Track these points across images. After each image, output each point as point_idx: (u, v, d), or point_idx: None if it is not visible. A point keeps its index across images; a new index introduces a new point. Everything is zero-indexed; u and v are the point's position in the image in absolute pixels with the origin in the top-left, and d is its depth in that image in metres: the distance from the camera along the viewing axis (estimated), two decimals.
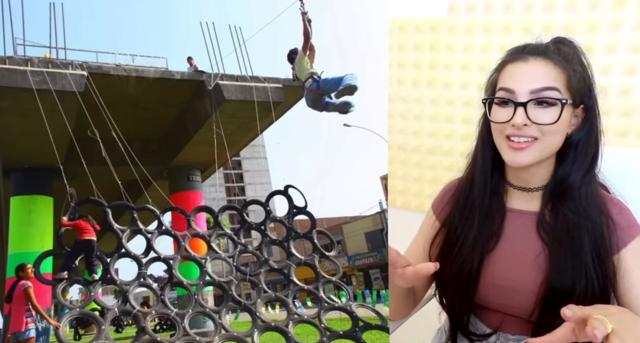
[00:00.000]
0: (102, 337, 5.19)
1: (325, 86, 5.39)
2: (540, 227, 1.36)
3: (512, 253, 1.38)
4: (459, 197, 1.53)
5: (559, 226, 1.32)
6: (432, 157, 2.38)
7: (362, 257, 35.27)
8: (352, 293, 6.82)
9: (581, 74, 1.31)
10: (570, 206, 1.32)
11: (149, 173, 9.84)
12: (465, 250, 1.42)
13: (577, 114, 1.34)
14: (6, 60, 9.52)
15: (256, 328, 5.76)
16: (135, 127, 12.94)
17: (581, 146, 1.33)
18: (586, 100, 1.33)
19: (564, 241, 1.29)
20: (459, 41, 2.23)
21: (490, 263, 1.40)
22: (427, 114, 2.38)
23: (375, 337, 7.29)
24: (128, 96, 11.65)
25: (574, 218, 1.30)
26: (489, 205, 1.43)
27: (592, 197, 1.32)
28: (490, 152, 1.42)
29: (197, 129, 12.80)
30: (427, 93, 2.36)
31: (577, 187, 1.32)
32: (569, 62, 1.30)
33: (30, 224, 12.37)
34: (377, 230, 34.45)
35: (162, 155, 14.97)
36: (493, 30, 2.13)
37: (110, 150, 7.97)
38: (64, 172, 7.80)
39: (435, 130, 2.36)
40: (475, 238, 1.42)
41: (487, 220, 1.43)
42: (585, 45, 1.85)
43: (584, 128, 1.33)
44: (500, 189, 1.45)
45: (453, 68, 2.27)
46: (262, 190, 69.68)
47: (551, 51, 1.31)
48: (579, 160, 1.33)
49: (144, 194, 9.23)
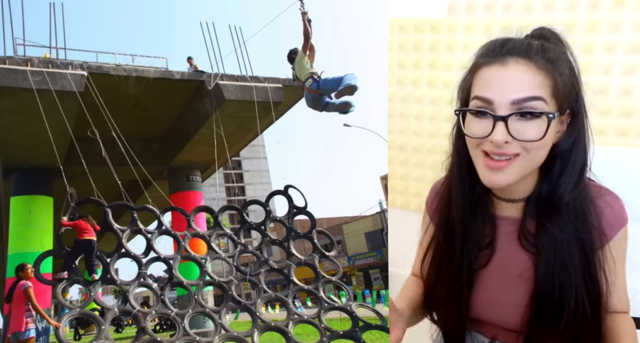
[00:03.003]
0: (102, 337, 5.19)
1: (325, 86, 5.39)
2: (523, 239, 1.26)
3: (500, 266, 1.30)
4: (440, 210, 1.42)
5: (545, 242, 1.21)
6: (432, 157, 2.38)
7: (362, 257, 35.28)
8: (352, 293, 6.82)
9: (568, 77, 1.16)
10: (558, 222, 1.20)
11: (149, 173, 9.85)
12: (453, 271, 1.33)
13: (562, 120, 1.19)
14: (6, 60, 9.52)
15: (256, 328, 5.76)
16: (135, 127, 12.95)
17: (568, 155, 1.19)
18: (572, 105, 1.18)
19: (552, 258, 1.19)
20: (459, 41, 2.23)
21: (481, 279, 1.31)
22: (427, 114, 2.38)
23: (375, 337, 7.29)
24: (128, 96, 11.66)
25: (561, 235, 1.19)
26: (473, 219, 1.31)
27: (581, 213, 1.20)
28: (467, 166, 1.27)
29: (197, 129, 12.80)
30: (427, 93, 2.36)
31: (565, 203, 1.19)
32: (554, 64, 1.13)
33: (30, 224, 12.37)
34: (377, 230, 34.47)
35: (162, 155, 14.97)
36: (493, 30, 2.13)
37: (110, 150, 7.97)
38: (64, 172, 7.80)
39: (435, 130, 2.36)
40: (461, 257, 1.31)
41: (473, 235, 1.31)
42: (585, 45, 1.84)
43: (571, 136, 1.19)
44: (484, 199, 1.32)
45: (453, 68, 2.27)
46: (262, 190, 69.70)
47: (534, 51, 1.13)
48: (567, 171, 1.19)
49: (144, 194, 9.23)
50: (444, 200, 1.40)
